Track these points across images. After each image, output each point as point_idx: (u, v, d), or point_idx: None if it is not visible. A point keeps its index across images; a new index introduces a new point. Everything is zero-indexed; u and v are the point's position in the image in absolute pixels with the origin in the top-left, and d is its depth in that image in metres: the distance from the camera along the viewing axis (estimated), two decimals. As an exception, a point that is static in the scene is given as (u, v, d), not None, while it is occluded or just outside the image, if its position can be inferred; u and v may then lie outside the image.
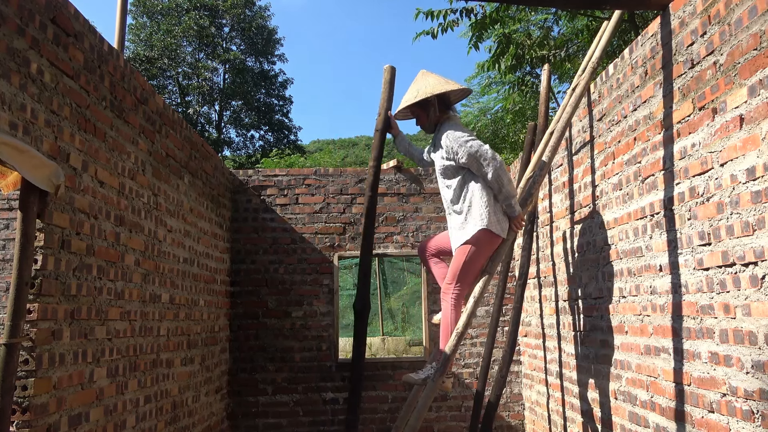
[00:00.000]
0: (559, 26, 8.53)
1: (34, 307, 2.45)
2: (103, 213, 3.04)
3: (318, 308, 5.65)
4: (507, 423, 5.62)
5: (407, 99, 3.56)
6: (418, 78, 3.62)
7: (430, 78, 3.56)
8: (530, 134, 4.74)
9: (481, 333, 5.69)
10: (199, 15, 24.56)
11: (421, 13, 6.91)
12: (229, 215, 5.61)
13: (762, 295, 2.20)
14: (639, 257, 3.19)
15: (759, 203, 2.21)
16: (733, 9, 2.38)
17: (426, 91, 3.48)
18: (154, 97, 3.77)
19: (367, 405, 5.54)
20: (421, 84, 3.54)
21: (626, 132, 3.37)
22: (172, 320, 3.97)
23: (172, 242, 3.99)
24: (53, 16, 2.63)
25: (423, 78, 3.59)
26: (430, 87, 3.49)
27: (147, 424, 3.53)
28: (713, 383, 2.52)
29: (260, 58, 26.80)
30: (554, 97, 10.33)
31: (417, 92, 3.51)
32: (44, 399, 2.50)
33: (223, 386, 5.31)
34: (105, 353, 3.03)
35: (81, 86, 2.84)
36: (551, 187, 4.68)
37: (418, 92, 3.51)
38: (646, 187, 3.11)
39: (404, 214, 5.85)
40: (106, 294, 3.04)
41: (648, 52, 3.12)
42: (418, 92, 3.51)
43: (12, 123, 2.30)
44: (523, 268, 4.57)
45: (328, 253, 5.75)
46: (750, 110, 2.27)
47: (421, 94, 3.48)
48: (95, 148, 2.97)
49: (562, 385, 4.43)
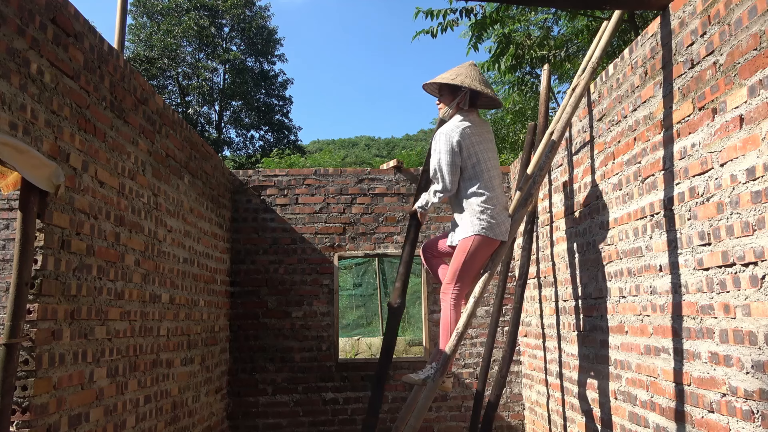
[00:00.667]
0: (559, 26, 8.54)
1: (34, 307, 2.45)
2: (103, 213, 3.04)
3: (318, 308, 5.65)
4: (507, 423, 5.62)
5: (444, 77, 3.51)
6: (465, 65, 3.59)
7: (473, 72, 3.54)
8: (530, 134, 4.74)
9: (481, 333, 5.69)
10: (199, 15, 24.56)
11: (420, 13, 6.91)
12: (229, 215, 5.61)
13: (762, 295, 2.20)
14: (639, 257, 3.19)
15: (759, 203, 2.21)
16: (733, 9, 2.38)
17: (464, 81, 3.45)
18: (154, 97, 3.77)
19: (367, 405, 5.53)
20: (464, 72, 3.51)
21: (626, 132, 3.37)
22: (172, 320, 3.97)
23: (172, 242, 3.99)
24: (53, 16, 2.63)
25: (469, 68, 3.56)
26: (469, 79, 3.46)
27: (147, 424, 3.53)
28: (713, 383, 2.52)
29: (260, 58, 26.81)
30: (554, 97, 10.33)
31: (456, 77, 3.48)
32: (44, 399, 2.50)
33: (223, 386, 5.31)
34: (105, 353, 3.03)
35: (81, 86, 2.84)
36: (551, 187, 4.68)
37: (457, 77, 3.47)
38: (646, 187, 3.11)
39: (404, 214, 5.85)
40: (106, 294, 3.04)
41: (648, 52, 3.12)
42: (457, 77, 3.47)
43: (12, 123, 2.30)
44: (523, 268, 4.57)
45: (328, 253, 5.75)
46: (750, 110, 2.27)
47: (458, 80, 3.45)
48: (95, 149, 2.97)
49: (562, 385, 4.43)
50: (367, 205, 5.86)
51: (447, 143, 3.39)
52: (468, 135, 3.41)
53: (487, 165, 3.43)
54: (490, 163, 3.45)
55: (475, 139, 3.43)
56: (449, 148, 3.38)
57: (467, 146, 3.39)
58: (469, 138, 3.41)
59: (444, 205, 5.88)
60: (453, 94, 3.52)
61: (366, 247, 5.81)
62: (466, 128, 3.42)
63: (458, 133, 3.39)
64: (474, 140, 3.42)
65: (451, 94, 3.54)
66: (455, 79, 3.46)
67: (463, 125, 3.42)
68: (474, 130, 3.44)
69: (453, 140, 3.39)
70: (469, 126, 3.43)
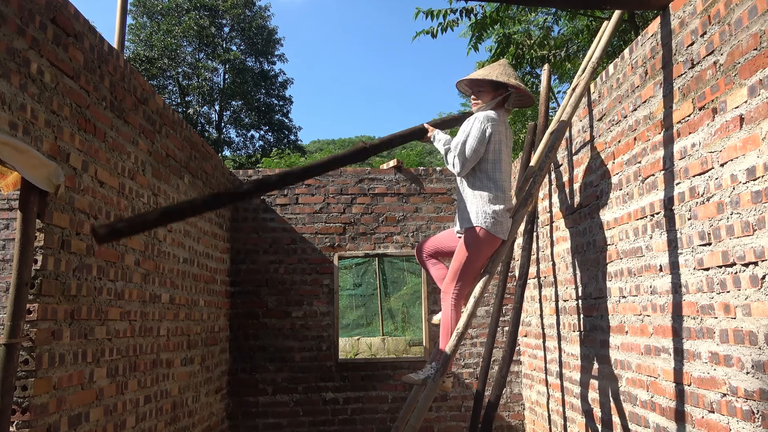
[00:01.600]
0: (559, 26, 8.54)
1: (34, 307, 2.44)
2: (103, 213, 3.04)
3: (318, 308, 5.65)
4: (507, 423, 5.62)
5: (490, 74, 3.46)
6: (503, 64, 3.56)
7: (513, 71, 3.52)
8: (530, 134, 4.74)
9: (481, 333, 5.69)
10: (199, 15, 24.57)
11: (421, 13, 6.91)
12: (229, 215, 5.61)
13: (762, 295, 2.20)
14: (639, 257, 3.19)
15: (759, 203, 2.21)
16: (733, 9, 2.38)
17: (509, 80, 3.41)
18: (154, 97, 3.77)
19: (367, 405, 5.54)
20: (509, 72, 3.49)
21: (626, 132, 3.37)
22: (172, 320, 3.97)
23: (172, 242, 3.99)
24: (53, 16, 2.63)
25: (508, 67, 3.53)
26: (513, 78, 3.44)
27: (147, 425, 3.53)
28: (713, 383, 2.51)
29: (260, 58, 26.82)
30: (554, 97, 10.33)
31: (503, 74, 3.44)
32: (44, 399, 2.50)
33: (223, 386, 5.31)
34: (105, 353, 3.03)
35: (81, 86, 2.84)
36: (551, 187, 4.68)
37: (503, 75, 3.43)
38: (646, 187, 3.11)
39: (404, 214, 5.86)
40: (106, 294, 3.04)
41: (648, 52, 3.12)
42: (503, 75, 3.43)
43: (12, 123, 2.30)
44: (523, 268, 4.57)
45: (328, 253, 5.75)
46: (750, 110, 2.27)
47: (503, 77, 3.41)
48: (95, 148, 2.97)
49: (562, 385, 4.43)
50: (367, 205, 5.86)
51: (480, 130, 3.39)
52: (499, 132, 3.44)
53: (505, 167, 3.47)
54: (507, 166, 3.49)
55: (502, 138, 3.46)
56: (479, 135, 3.38)
57: (495, 142, 3.42)
58: (499, 135, 3.43)
59: (444, 204, 5.89)
60: (495, 91, 3.52)
61: (366, 247, 5.81)
62: (500, 125, 3.45)
63: (492, 126, 3.40)
64: (501, 138, 3.45)
65: (493, 91, 3.53)
66: (500, 77, 3.43)
67: (499, 121, 3.45)
68: (503, 129, 3.48)
69: (487, 130, 3.40)
70: (502, 124, 3.48)
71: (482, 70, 3.57)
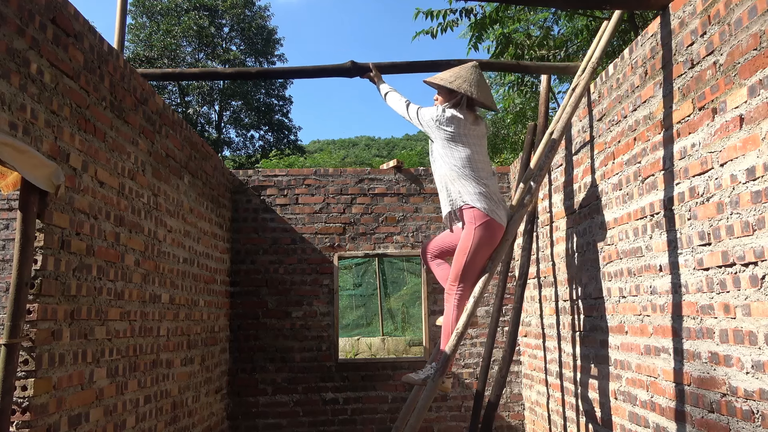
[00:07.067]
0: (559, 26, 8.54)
1: (34, 307, 2.44)
2: (103, 213, 3.04)
3: (318, 308, 5.65)
4: (507, 423, 5.62)
5: (443, 79, 3.52)
6: (467, 67, 3.58)
7: (473, 75, 3.52)
8: (530, 134, 4.74)
9: (481, 333, 5.69)
10: (198, 15, 24.56)
11: (420, 13, 6.91)
12: (229, 215, 5.61)
13: (762, 295, 2.20)
14: (639, 257, 3.19)
15: (759, 203, 2.21)
16: (733, 9, 2.38)
17: (461, 85, 3.46)
18: (153, 97, 3.77)
19: (367, 405, 5.54)
20: (464, 75, 3.51)
21: (626, 132, 3.37)
22: (172, 320, 3.97)
23: (172, 242, 3.99)
24: (53, 16, 2.63)
25: (469, 70, 3.55)
26: (467, 84, 3.47)
27: (147, 425, 3.53)
28: (713, 383, 2.52)
29: (260, 58, 26.80)
30: (554, 97, 10.33)
31: (455, 80, 3.48)
32: (44, 399, 2.50)
33: (223, 386, 5.31)
34: (105, 353, 3.03)
35: (81, 86, 2.84)
36: (551, 187, 4.68)
37: (455, 80, 3.48)
38: (646, 187, 3.11)
39: (404, 214, 5.86)
40: (105, 294, 3.04)
41: (648, 52, 3.12)
42: (455, 80, 3.48)
43: (12, 123, 2.30)
44: (523, 268, 4.57)
45: (328, 253, 5.75)
46: (750, 110, 2.27)
47: (455, 83, 3.47)
48: (95, 149, 2.97)
49: (562, 385, 4.43)
50: (367, 205, 5.86)
51: (421, 115, 3.54)
52: (460, 125, 3.42)
53: (481, 158, 3.43)
54: (482, 158, 3.46)
55: (465, 132, 3.43)
56: (414, 116, 3.59)
57: (460, 134, 3.40)
58: (461, 128, 3.42)
59: (444, 205, 5.89)
60: (450, 94, 3.53)
61: (366, 247, 5.81)
62: (458, 118, 3.43)
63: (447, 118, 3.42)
64: (463, 131, 3.42)
65: (448, 94, 3.54)
66: (453, 83, 3.47)
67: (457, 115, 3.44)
68: (466, 123, 3.46)
69: (428, 122, 3.49)
70: (461, 118, 3.45)
71: (445, 72, 3.59)
